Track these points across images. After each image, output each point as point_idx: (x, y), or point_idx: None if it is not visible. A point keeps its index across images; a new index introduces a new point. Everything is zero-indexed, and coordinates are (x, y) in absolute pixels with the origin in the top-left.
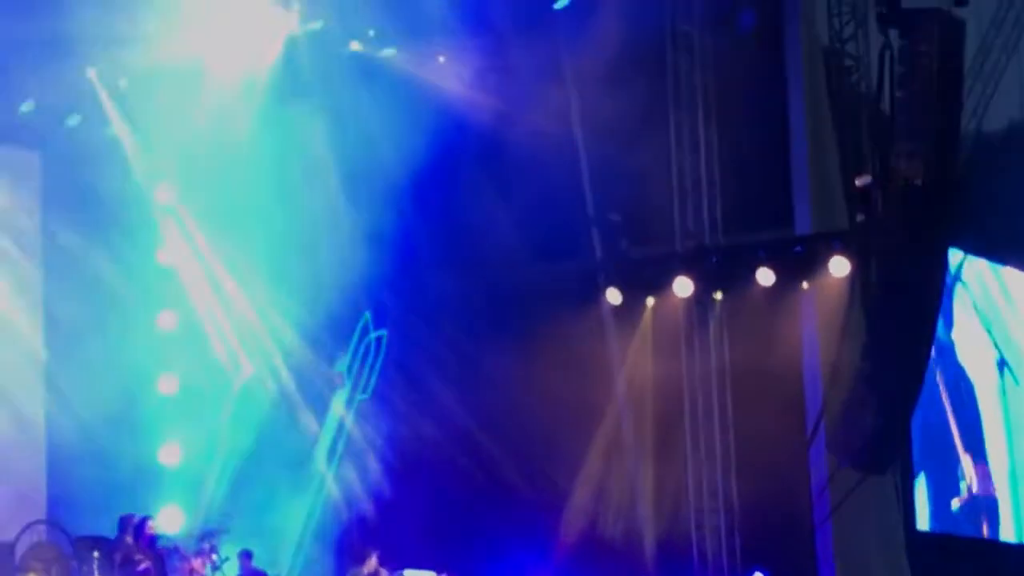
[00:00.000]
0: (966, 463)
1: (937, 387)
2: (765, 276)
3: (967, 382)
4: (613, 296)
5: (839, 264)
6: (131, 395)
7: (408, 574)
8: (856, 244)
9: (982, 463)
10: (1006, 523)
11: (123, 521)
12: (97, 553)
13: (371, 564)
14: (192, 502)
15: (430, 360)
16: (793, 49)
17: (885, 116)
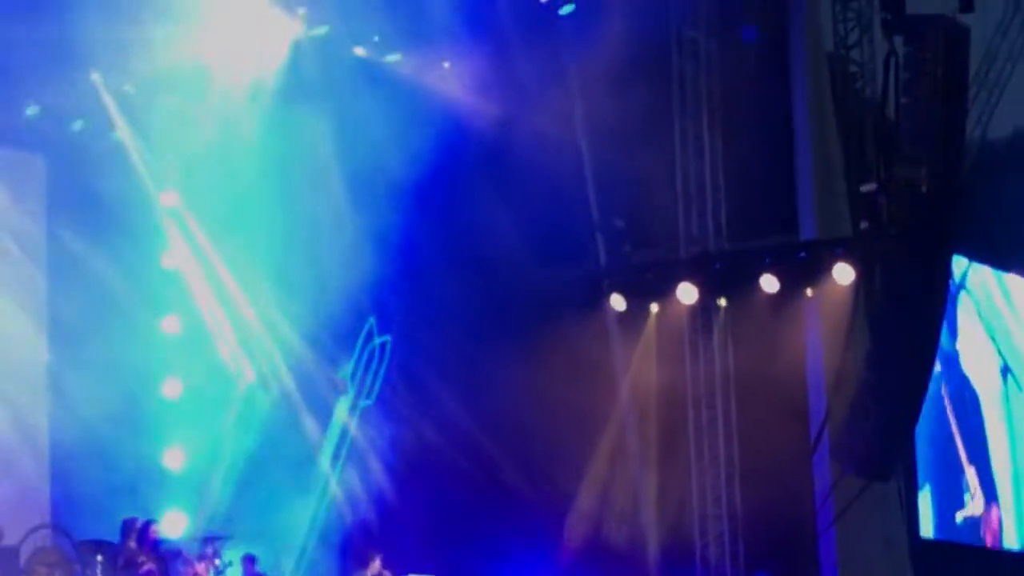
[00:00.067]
0: (970, 474)
1: (942, 397)
2: (769, 283)
3: (971, 391)
4: (617, 302)
5: (843, 271)
6: (134, 399)
7: None
8: (860, 251)
9: (986, 469)
10: (1009, 530)
11: (126, 525)
12: (100, 557)
13: (375, 567)
14: (195, 506)
15: (434, 365)
16: (798, 55)
17: (890, 122)
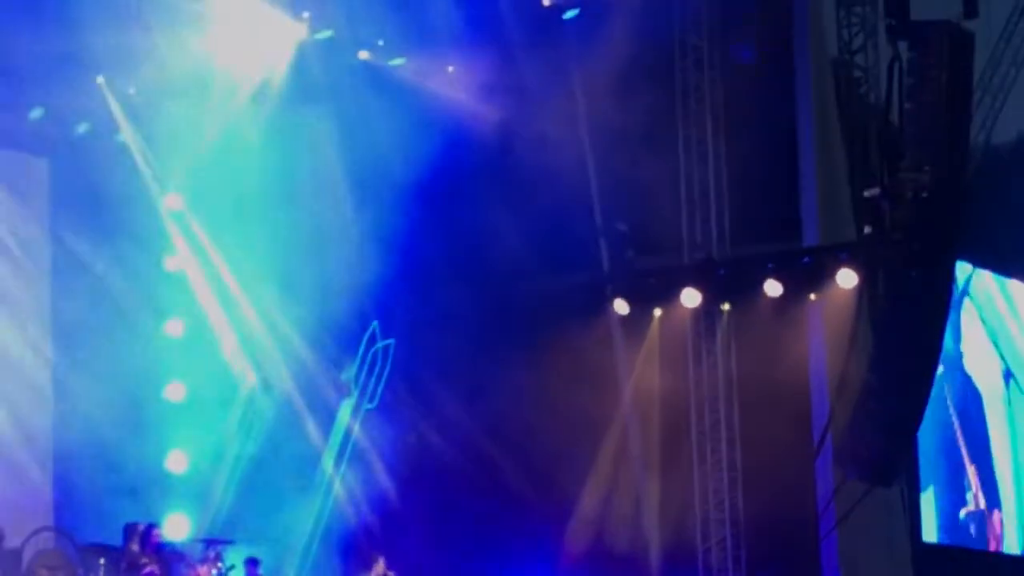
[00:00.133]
0: (971, 474)
1: (945, 399)
2: (773, 288)
3: (974, 392)
4: (621, 307)
5: (847, 276)
6: (138, 402)
7: None
8: (864, 256)
9: (988, 474)
10: (1010, 534)
11: (129, 528)
12: (103, 560)
13: (378, 569)
14: (198, 509)
15: (437, 369)
16: (802, 60)
17: (894, 128)
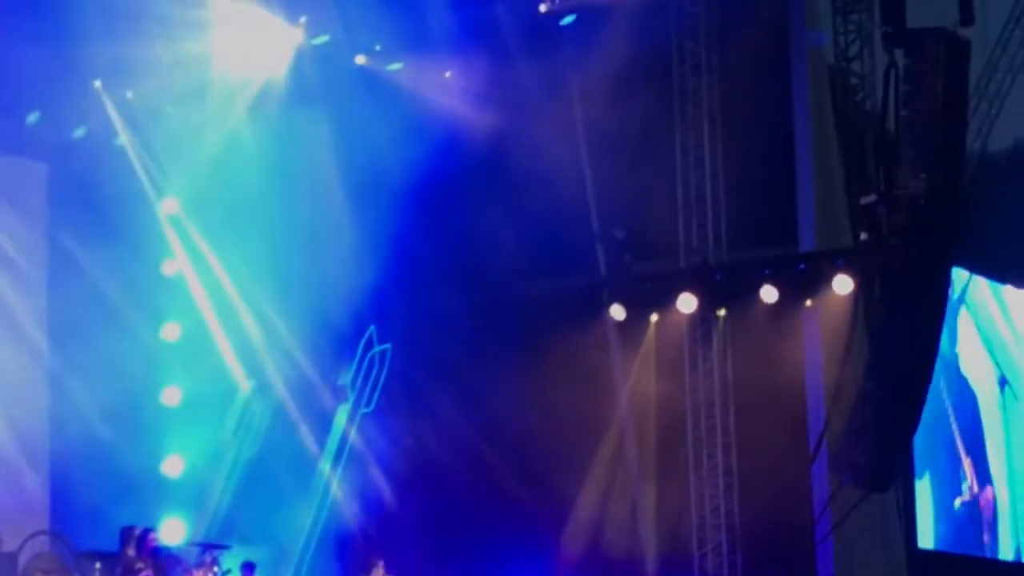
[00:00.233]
0: (967, 465)
1: (941, 392)
2: (769, 293)
3: (970, 394)
4: (617, 312)
5: (843, 282)
6: (134, 406)
7: None
8: (860, 262)
9: (983, 466)
10: (1005, 540)
11: (125, 532)
12: (99, 564)
13: (377, 573)
14: (195, 514)
15: (434, 374)
16: (799, 67)
17: (890, 134)
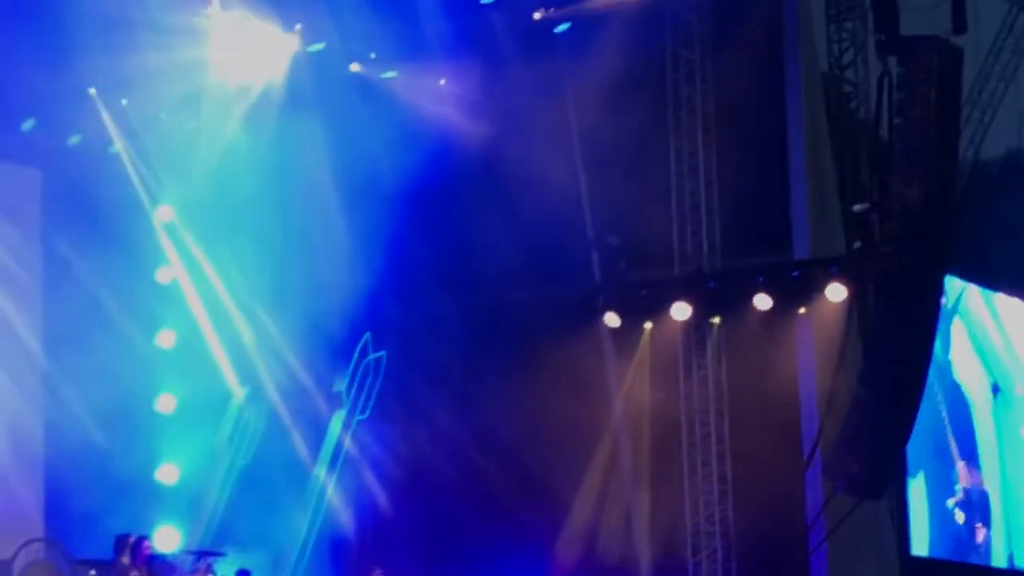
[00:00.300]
0: (961, 471)
1: (936, 395)
2: (762, 301)
3: (963, 400)
4: (611, 319)
5: (836, 290)
6: (129, 413)
7: None
8: (854, 270)
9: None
10: (997, 547)
11: (119, 540)
12: (93, 572)
13: None
14: (189, 521)
15: (429, 381)
16: (792, 75)
17: (883, 142)
